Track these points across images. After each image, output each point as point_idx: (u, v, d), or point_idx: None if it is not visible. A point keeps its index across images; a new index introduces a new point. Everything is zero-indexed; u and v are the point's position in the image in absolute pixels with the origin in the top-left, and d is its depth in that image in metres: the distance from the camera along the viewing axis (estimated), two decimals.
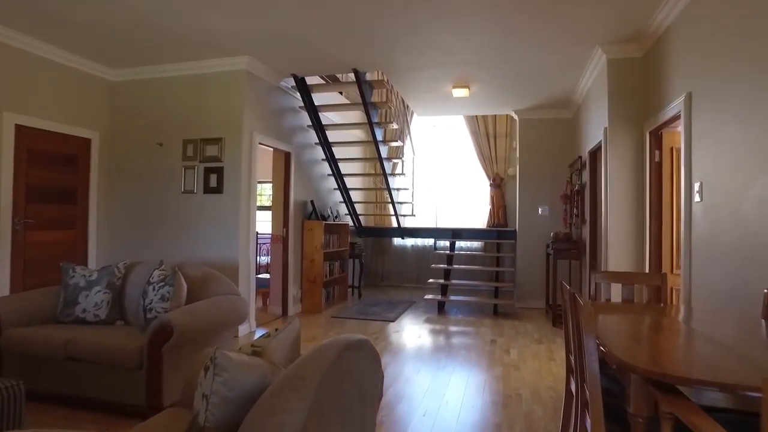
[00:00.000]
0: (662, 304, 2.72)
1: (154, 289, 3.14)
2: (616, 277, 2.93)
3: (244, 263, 4.98)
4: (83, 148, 5.08)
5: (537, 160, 6.82)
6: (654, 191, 4.09)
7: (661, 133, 4.04)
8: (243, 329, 4.93)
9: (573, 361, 2.09)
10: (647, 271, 4.09)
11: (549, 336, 5.07)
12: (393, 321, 5.73)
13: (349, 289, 7.79)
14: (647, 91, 4.20)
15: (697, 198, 3.18)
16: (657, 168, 4.09)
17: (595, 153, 5.24)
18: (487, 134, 8.37)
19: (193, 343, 3.03)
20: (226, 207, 4.96)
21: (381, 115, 6.33)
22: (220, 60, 4.94)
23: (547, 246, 6.39)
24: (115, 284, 3.43)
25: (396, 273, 9.02)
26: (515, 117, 7.06)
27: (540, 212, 6.78)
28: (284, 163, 5.99)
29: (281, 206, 6.00)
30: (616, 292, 4.19)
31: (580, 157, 5.56)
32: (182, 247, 5.09)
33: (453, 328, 5.38)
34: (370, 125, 5.92)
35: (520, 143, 6.90)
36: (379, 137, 6.26)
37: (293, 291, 6.09)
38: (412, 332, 5.18)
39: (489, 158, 8.38)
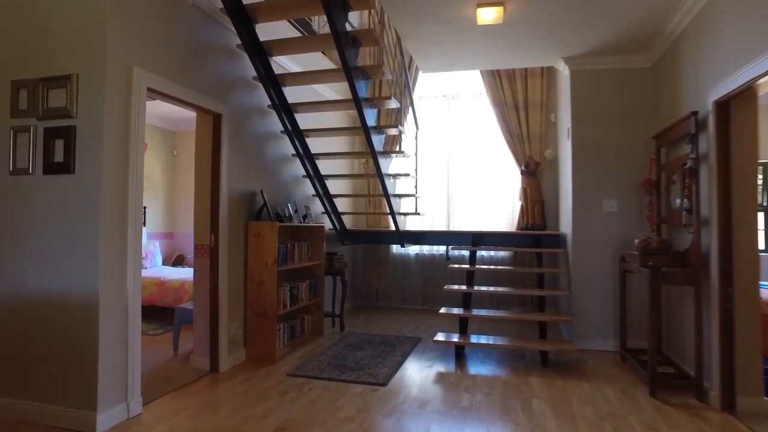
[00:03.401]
0: None
1: None
2: None
3: (114, 299, 2.80)
4: None
5: (599, 131, 4.61)
6: None
7: None
8: (114, 416, 2.76)
9: None
10: None
11: (653, 418, 2.85)
12: (384, 384, 3.53)
13: (329, 319, 5.59)
14: None
15: None
16: None
17: (727, 104, 3.03)
18: (515, 105, 6.17)
19: None
20: (78, 197, 2.78)
21: (365, 56, 4.15)
22: None
23: (622, 259, 4.18)
24: None
25: (395, 290, 6.82)
26: (564, 70, 4.85)
27: (606, 208, 4.57)
28: (211, 131, 3.81)
29: (206, 200, 3.81)
30: None
31: (695, 115, 3.34)
32: (10, 267, 2.93)
33: (484, 398, 3.17)
34: (351, 84, 3.74)
35: (573, 108, 4.68)
36: (364, 94, 4.07)
37: (231, 330, 3.90)
38: (414, 413, 2.98)
39: (519, 137, 6.17)
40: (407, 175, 4.92)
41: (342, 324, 5.24)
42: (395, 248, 6.84)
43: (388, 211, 5.05)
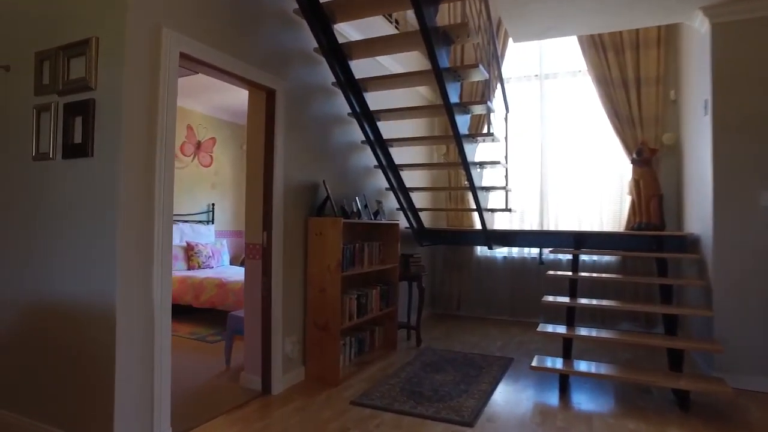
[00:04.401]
0: None
1: None
2: None
3: (136, 309, 2.28)
4: None
5: (752, 102, 3.53)
6: None
7: None
8: None
9: None
10: None
11: None
12: (471, 424, 2.76)
13: (403, 331, 4.90)
14: None
15: None
16: None
17: None
18: (624, 82, 5.13)
19: None
20: (96, 185, 2.30)
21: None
22: None
23: None
24: None
25: (480, 298, 5.99)
26: (701, 26, 3.80)
27: (764, 202, 3.48)
28: (265, 109, 3.25)
29: (258, 191, 3.26)
30: None
31: None
32: (34, 267, 2.51)
33: None
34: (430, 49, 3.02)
35: (715, 73, 3.62)
36: (446, 63, 3.33)
37: (286, 346, 3.32)
38: None
39: (628, 120, 5.13)
40: (497, 163, 4.10)
41: (418, 337, 4.52)
42: (479, 250, 6.02)
43: (474, 206, 4.27)
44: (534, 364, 3.35)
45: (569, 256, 5.56)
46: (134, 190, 2.27)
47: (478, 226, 5.86)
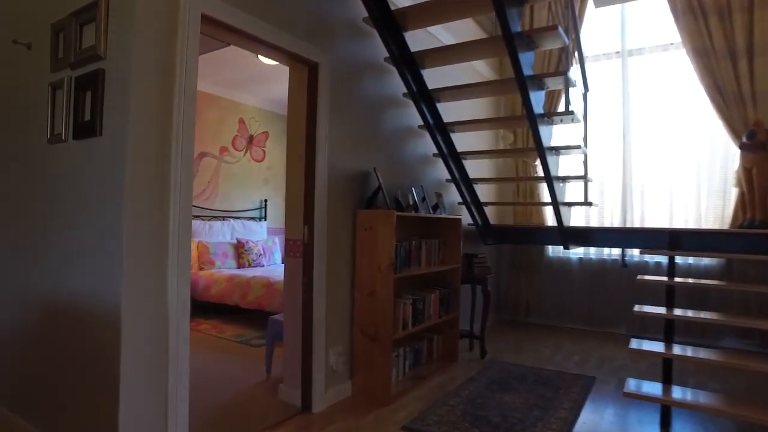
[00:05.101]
0: None
1: None
2: None
3: (146, 314, 1.92)
4: None
5: None
6: None
7: None
8: None
9: None
10: None
11: None
12: None
13: (465, 341, 4.37)
14: None
15: None
16: None
17: None
18: (730, 52, 4.31)
19: None
20: (103, 168, 1.97)
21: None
22: None
23: None
24: None
25: (551, 304, 5.35)
26: None
27: None
28: (306, 87, 2.85)
29: (299, 180, 2.87)
30: None
31: None
32: (47, 264, 2.24)
33: None
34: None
35: None
36: (517, 26, 2.79)
37: (330, 357, 2.91)
38: None
39: (735, 97, 4.31)
40: (577, 147, 3.49)
41: (483, 348, 3.99)
42: (551, 250, 5.38)
43: (548, 200, 3.68)
44: (629, 390, 2.73)
45: (658, 258, 4.81)
46: (145, 174, 1.92)
47: (550, 222, 5.23)
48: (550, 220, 5.24)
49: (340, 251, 3.00)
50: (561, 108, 4.08)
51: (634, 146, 4.91)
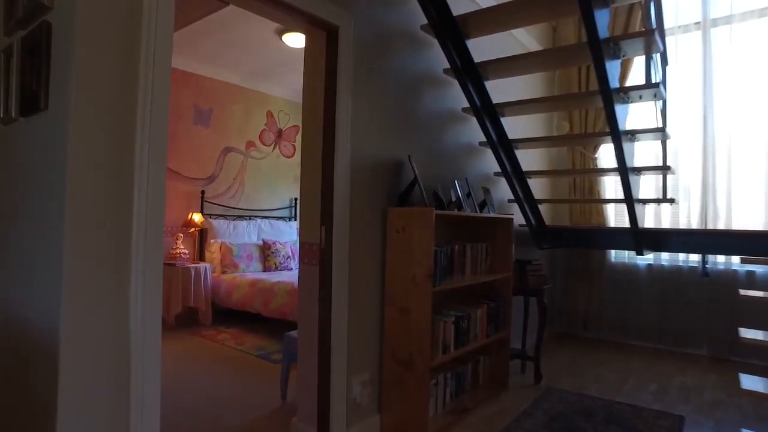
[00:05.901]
0: None
1: None
2: None
3: (95, 341, 1.44)
4: None
5: None
6: None
7: None
8: None
9: None
10: None
11: None
12: None
13: (516, 362, 3.74)
14: None
15: None
16: None
17: None
18: None
19: None
20: (46, 153, 1.51)
21: None
22: None
23: None
24: None
25: (615, 317, 4.63)
26: None
27: None
28: (324, 57, 2.32)
29: (315, 171, 2.35)
30: None
31: None
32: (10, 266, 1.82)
33: None
34: None
35: None
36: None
37: (353, 387, 2.38)
38: None
39: None
40: (660, 131, 2.81)
41: (538, 372, 3.37)
42: (614, 255, 4.67)
43: (617, 196, 3.03)
44: None
45: (751, 267, 4.03)
46: (96, 161, 1.44)
47: (612, 222, 4.53)
48: (614, 220, 4.54)
49: (366, 258, 2.46)
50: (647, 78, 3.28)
51: (719, 134, 4.14)
